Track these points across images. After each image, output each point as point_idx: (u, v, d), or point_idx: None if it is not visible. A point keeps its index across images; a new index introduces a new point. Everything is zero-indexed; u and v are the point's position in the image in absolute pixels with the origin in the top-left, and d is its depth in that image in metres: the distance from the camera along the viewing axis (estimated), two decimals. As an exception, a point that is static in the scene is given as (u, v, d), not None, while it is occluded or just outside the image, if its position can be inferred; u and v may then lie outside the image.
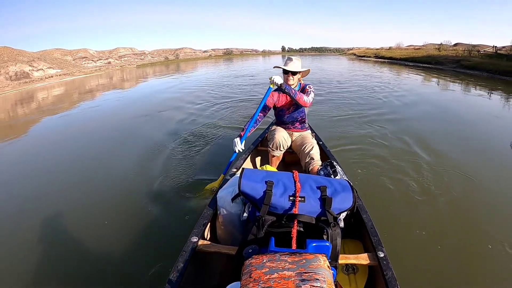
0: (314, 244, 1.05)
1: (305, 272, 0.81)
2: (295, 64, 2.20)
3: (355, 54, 35.54)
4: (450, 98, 8.06)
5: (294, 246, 1.07)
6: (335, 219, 1.16)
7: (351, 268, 1.47)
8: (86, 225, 2.41)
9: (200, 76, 14.45)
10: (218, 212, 1.47)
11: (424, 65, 18.76)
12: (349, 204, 1.21)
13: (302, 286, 0.77)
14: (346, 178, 1.66)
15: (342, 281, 1.40)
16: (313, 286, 0.77)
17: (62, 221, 2.48)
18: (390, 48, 34.00)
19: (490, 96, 8.47)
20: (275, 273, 0.81)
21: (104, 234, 2.28)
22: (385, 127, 4.76)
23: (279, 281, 0.79)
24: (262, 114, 2.29)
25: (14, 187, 3.32)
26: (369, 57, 29.61)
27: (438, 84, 11.31)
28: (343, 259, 1.27)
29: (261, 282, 0.80)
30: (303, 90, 2.25)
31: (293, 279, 0.79)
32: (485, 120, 5.57)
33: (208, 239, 1.49)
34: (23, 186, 3.29)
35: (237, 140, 2.20)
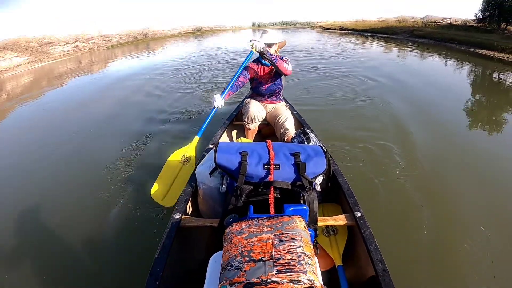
0: (291, 209, 1.08)
1: (282, 233, 0.84)
2: (272, 36, 2.18)
3: (322, 27, 36.68)
4: (392, 58, 10.60)
5: (272, 211, 1.10)
6: (310, 183, 1.20)
7: (331, 230, 1.54)
8: (56, 218, 2.32)
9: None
10: (198, 187, 1.48)
11: (381, 35, 20.63)
12: (323, 168, 1.25)
13: (280, 246, 0.80)
14: (320, 144, 1.70)
15: (323, 243, 1.47)
16: (290, 245, 0.80)
17: (27, 215, 2.38)
18: (356, 21, 34.70)
19: (431, 58, 10.68)
20: (254, 237, 0.84)
21: (81, 221, 2.22)
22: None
23: (258, 243, 0.82)
24: (242, 79, 2.22)
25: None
26: (335, 29, 31.20)
27: (386, 48, 13.52)
28: (322, 221, 1.33)
29: (241, 246, 0.82)
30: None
31: (271, 240, 0.82)
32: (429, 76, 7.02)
33: (190, 214, 1.50)
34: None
35: (217, 95, 2.12)
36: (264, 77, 2.32)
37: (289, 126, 2.23)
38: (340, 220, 1.35)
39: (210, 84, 6.56)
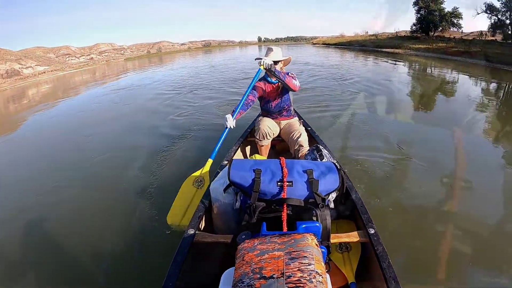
0: (304, 226, 1.09)
1: (294, 251, 0.85)
2: (276, 54, 2.23)
3: (313, 43, 47.72)
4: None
5: (285, 228, 1.11)
6: (323, 200, 1.20)
7: (344, 247, 1.52)
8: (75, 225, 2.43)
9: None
10: (213, 204, 1.51)
11: (343, 46, 31.33)
12: (336, 185, 1.25)
13: (291, 264, 0.81)
14: (333, 161, 1.70)
15: (337, 259, 1.45)
16: (301, 263, 0.81)
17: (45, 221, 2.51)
18: (338, 36, 45.23)
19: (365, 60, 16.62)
20: (266, 254, 0.85)
21: (99, 232, 2.29)
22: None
23: (270, 261, 0.83)
24: (252, 98, 2.26)
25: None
26: (319, 44, 42.79)
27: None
28: (336, 239, 1.32)
29: (253, 263, 0.84)
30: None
31: (282, 258, 0.83)
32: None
33: (204, 230, 1.53)
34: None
35: (229, 115, 2.11)
36: (271, 95, 2.35)
37: (304, 143, 2.24)
38: (353, 237, 1.34)
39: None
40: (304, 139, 2.25)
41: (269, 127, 2.34)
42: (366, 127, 4.12)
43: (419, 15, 27.01)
